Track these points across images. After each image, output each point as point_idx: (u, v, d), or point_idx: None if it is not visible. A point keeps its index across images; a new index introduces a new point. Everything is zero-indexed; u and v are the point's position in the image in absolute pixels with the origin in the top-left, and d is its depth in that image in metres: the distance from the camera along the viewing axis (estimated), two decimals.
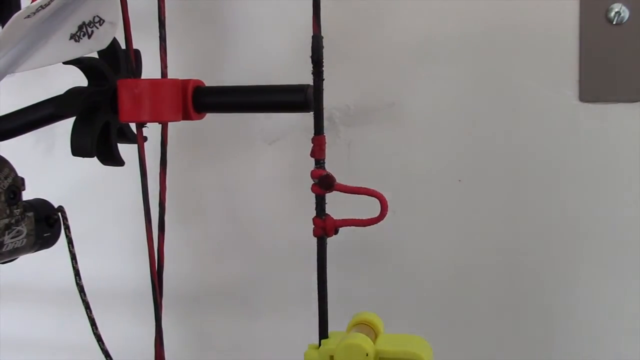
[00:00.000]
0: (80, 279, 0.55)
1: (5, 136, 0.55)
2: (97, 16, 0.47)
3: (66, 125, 0.52)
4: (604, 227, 0.67)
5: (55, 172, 0.84)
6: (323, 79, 0.47)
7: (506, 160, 0.69)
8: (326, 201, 0.48)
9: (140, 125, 0.51)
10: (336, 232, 0.48)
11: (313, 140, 0.47)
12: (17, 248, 0.52)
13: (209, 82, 0.54)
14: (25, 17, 0.43)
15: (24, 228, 0.52)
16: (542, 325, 0.70)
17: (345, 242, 0.57)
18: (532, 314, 0.70)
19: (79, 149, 0.51)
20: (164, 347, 0.53)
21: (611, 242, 0.67)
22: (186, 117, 0.52)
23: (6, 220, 0.50)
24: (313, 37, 0.46)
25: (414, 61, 0.71)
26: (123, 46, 0.53)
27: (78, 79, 0.53)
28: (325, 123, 0.49)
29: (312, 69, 0.47)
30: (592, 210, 0.67)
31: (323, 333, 0.49)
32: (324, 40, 0.46)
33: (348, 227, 0.48)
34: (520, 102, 0.68)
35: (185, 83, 0.52)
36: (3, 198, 0.51)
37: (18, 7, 0.54)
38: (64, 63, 0.49)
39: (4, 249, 0.50)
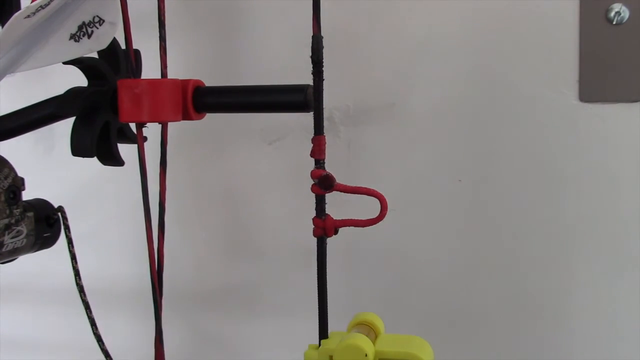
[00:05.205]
0: (80, 279, 0.55)
1: (5, 136, 0.55)
2: (97, 16, 0.47)
3: (66, 125, 0.52)
4: (603, 227, 0.67)
5: (55, 172, 0.84)
6: (323, 79, 0.47)
7: (506, 160, 0.69)
8: (326, 201, 0.48)
9: (140, 125, 0.51)
10: (336, 232, 0.48)
11: (313, 140, 0.47)
12: (17, 248, 0.52)
13: (208, 82, 0.54)
14: (25, 17, 0.43)
15: (24, 228, 0.52)
16: (542, 325, 0.70)
17: (345, 242, 0.57)
18: (531, 314, 0.70)
19: (79, 149, 0.51)
20: (164, 346, 0.53)
21: (611, 242, 0.67)
22: (186, 117, 0.52)
23: (6, 220, 0.50)
24: (313, 37, 0.46)
25: (414, 61, 0.71)
26: (123, 46, 0.53)
27: (78, 79, 0.53)
28: (325, 123, 0.49)
29: (312, 69, 0.47)
30: (592, 210, 0.67)
31: (323, 333, 0.49)
32: (324, 40, 0.46)
33: (348, 227, 0.48)
34: (520, 102, 0.68)
35: (185, 83, 0.52)
36: (3, 198, 0.51)
37: (18, 7, 0.54)
38: (64, 63, 0.49)
39: (4, 249, 0.50)
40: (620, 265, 0.67)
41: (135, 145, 0.52)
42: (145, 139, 0.52)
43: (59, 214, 0.56)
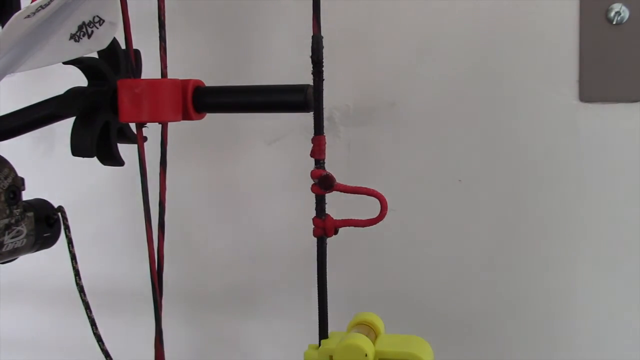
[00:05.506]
0: (80, 279, 0.55)
1: (5, 136, 0.55)
2: (97, 16, 0.47)
3: (66, 125, 0.52)
4: (604, 227, 0.67)
5: (55, 172, 0.84)
6: (323, 79, 0.47)
7: (506, 160, 0.69)
8: (326, 201, 0.48)
9: (140, 125, 0.51)
10: (336, 232, 0.48)
11: (313, 140, 0.47)
12: (17, 248, 0.52)
13: (208, 82, 0.54)
14: (25, 17, 0.43)
15: (24, 228, 0.52)
16: (542, 325, 0.70)
17: (345, 242, 0.57)
18: (531, 314, 0.70)
19: (79, 149, 0.51)
20: (163, 347, 0.53)
21: (611, 242, 0.67)
22: (186, 117, 0.52)
23: (6, 220, 0.50)
24: (313, 37, 0.46)
25: (414, 61, 0.71)
26: (123, 46, 0.53)
27: (78, 79, 0.53)
28: (325, 123, 0.49)
29: (312, 69, 0.47)
30: (592, 210, 0.67)
31: (323, 333, 0.49)
32: (324, 40, 0.46)
33: (348, 227, 0.48)
34: (520, 102, 0.68)
35: (185, 83, 0.52)
36: (3, 198, 0.51)
37: (18, 7, 0.54)
38: (64, 63, 0.49)
39: (4, 249, 0.50)
40: (620, 265, 0.67)
41: (135, 145, 0.52)
42: (145, 139, 0.52)
43: (59, 214, 0.56)
